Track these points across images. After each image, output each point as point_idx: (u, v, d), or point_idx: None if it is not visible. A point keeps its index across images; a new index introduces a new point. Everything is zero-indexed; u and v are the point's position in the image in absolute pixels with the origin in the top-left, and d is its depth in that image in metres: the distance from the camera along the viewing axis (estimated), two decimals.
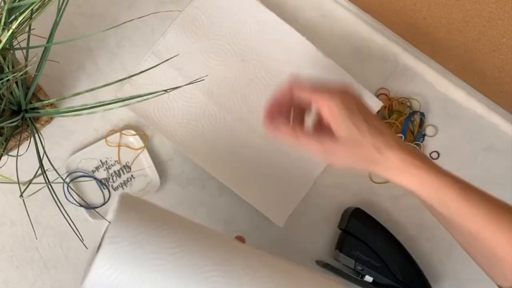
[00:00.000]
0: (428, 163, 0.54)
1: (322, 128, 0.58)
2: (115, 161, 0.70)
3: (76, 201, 0.68)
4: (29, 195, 0.57)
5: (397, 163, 0.54)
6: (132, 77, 0.55)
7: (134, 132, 0.69)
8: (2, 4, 0.46)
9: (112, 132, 0.70)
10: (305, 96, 0.57)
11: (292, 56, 0.72)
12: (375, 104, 0.71)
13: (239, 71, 0.71)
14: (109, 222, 0.48)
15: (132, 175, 0.70)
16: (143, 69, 0.65)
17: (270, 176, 0.71)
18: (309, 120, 0.60)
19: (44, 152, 0.56)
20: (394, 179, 0.55)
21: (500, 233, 0.53)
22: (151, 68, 0.56)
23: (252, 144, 0.71)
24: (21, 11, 0.49)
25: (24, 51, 0.54)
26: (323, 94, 0.55)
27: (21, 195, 0.54)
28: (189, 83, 0.54)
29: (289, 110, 0.60)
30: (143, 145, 0.70)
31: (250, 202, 0.69)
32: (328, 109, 0.55)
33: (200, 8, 0.71)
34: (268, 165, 0.71)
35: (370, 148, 0.55)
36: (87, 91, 0.52)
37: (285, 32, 0.71)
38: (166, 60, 0.59)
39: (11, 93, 0.56)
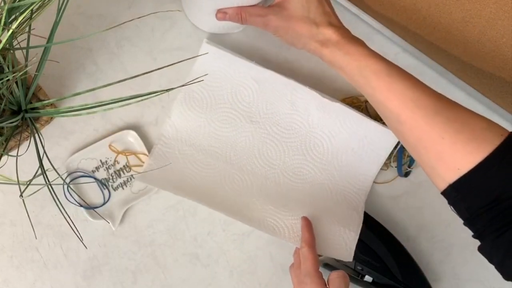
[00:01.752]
0: (361, 44, 0.58)
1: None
2: (115, 161, 0.70)
3: (76, 201, 0.68)
4: (29, 195, 0.57)
5: (329, 36, 0.58)
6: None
7: (134, 132, 0.69)
8: (2, 4, 0.46)
9: (115, 149, 0.70)
10: None
11: (299, 105, 0.71)
12: None
13: (251, 133, 0.71)
14: None
15: (132, 175, 0.70)
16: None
17: (318, 220, 0.69)
18: None
19: (44, 152, 0.56)
20: (324, 55, 0.59)
21: (423, 115, 0.51)
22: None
23: (286, 197, 0.70)
24: (21, 11, 0.48)
25: (24, 51, 0.54)
26: None
27: (21, 195, 0.54)
28: (188, 83, 0.54)
29: None
30: (142, 144, 0.69)
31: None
32: None
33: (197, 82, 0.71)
34: (311, 213, 0.69)
35: (310, 24, 0.59)
36: (87, 91, 0.52)
37: (286, 85, 0.70)
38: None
39: (11, 93, 0.56)
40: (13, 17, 0.49)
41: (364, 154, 0.72)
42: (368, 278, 0.68)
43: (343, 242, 0.67)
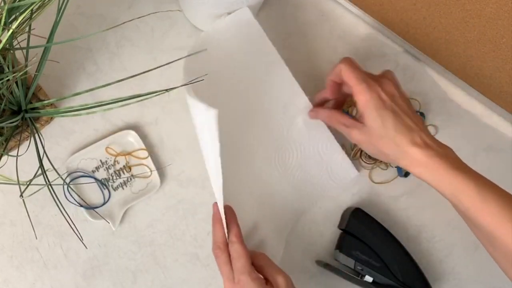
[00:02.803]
0: (450, 160, 0.56)
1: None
2: (115, 161, 0.70)
3: (76, 201, 0.68)
4: (29, 195, 0.57)
5: (415, 157, 0.57)
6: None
7: (134, 132, 0.69)
8: (2, 4, 0.46)
9: (117, 154, 0.70)
10: (349, 82, 0.61)
11: (290, 110, 0.69)
12: None
13: (242, 112, 0.68)
14: None
15: (132, 175, 0.70)
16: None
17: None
18: None
19: (44, 152, 0.56)
20: (413, 173, 0.58)
21: None
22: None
23: (240, 195, 0.68)
24: (21, 11, 0.48)
25: (24, 51, 0.54)
26: (363, 85, 0.59)
27: (21, 195, 0.54)
28: (186, 83, 0.54)
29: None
30: (142, 145, 0.70)
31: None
32: (362, 100, 0.59)
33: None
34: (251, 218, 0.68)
35: (390, 143, 0.58)
36: (87, 91, 0.52)
37: (289, 85, 0.68)
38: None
39: (11, 93, 0.56)
40: (13, 17, 0.49)
41: (320, 180, 0.71)
42: (368, 278, 0.68)
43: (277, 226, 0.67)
